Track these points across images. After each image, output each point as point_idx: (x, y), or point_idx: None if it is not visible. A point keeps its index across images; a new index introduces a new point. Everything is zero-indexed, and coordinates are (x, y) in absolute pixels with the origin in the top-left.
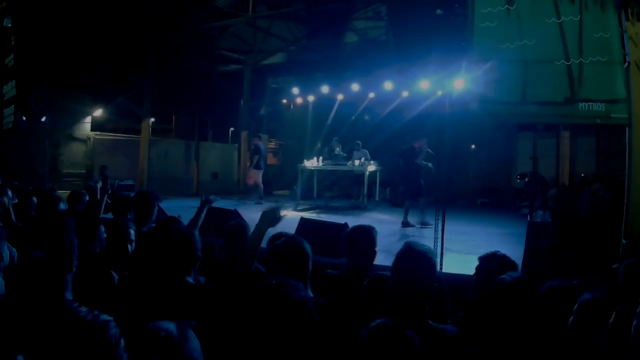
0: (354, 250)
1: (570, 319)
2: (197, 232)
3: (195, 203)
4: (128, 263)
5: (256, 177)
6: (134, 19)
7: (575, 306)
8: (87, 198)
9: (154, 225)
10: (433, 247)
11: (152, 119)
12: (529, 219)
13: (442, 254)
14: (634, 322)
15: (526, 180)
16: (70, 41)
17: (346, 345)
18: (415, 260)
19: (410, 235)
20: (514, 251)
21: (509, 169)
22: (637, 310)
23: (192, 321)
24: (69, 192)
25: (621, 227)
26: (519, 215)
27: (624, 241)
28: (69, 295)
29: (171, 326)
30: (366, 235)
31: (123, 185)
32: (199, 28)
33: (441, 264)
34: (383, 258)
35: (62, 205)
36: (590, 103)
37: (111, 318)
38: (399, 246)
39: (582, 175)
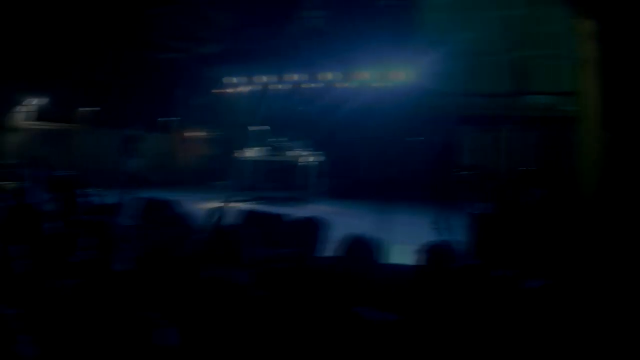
0: (302, 241)
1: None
2: None
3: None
4: None
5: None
6: (70, 6)
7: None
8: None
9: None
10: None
11: (87, 109)
12: (470, 211)
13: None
14: None
15: (469, 173)
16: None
17: None
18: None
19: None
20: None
21: (451, 162)
22: None
23: None
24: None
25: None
26: (460, 208)
27: None
28: None
29: None
30: (314, 225)
31: (59, 176)
32: (136, 14)
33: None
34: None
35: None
36: (538, 95)
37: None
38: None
39: (523, 169)
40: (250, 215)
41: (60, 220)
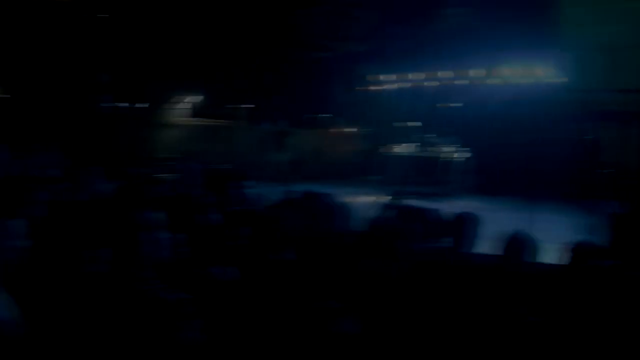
0: (454, 236)
1: None
2: None
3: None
4: None
5: None
6: (221, 10)
7: None
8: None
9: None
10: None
11: (244, 106)
12: (608, 210)
13: None
14: None
15: (609, 171)
16: (163, 31)
17: None
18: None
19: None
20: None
21: (593, 159)
22: None
23: None
24: (166, 175)
25: None
26: (600, 206)
27: None
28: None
29: None
30: (466, 221)
31: (214, 169)
32: (285, 15)
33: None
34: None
35: (160, 188)
36: None
37: (184, 296)
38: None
39: None
40: (403, 209)
41: (215, 211)
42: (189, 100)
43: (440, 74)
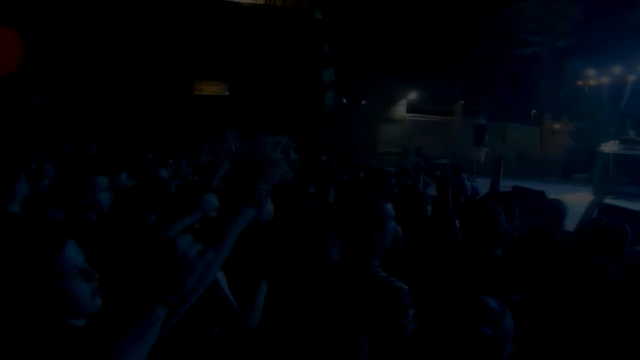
0: None
1: None
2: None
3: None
4: None
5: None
6: (438, 7)
7: None
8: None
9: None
10: None
11: (462, 101)
12: None
13: None
14: None
15: None
16: (380, 31)
17: None
18: None
19: None
20: None
21: None
22: None
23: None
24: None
25: None
26: None
27: None
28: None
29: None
30: None
31: (437, 164)
32: (496, 11)
33: None
34: None
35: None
36: None
37: (405, 286)
38: None
39: None
40: (613, 209)
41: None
42: (411, 97)
43: None
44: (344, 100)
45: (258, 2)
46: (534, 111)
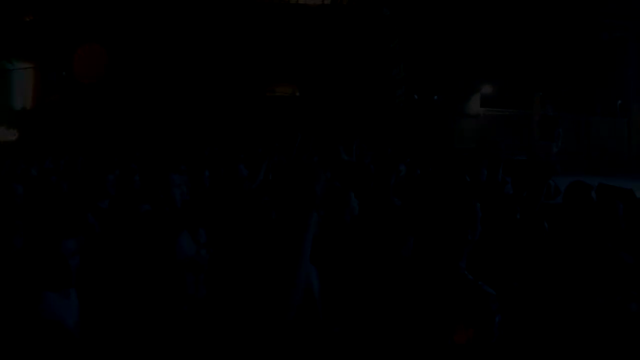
0: None
1: None
2: None
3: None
4: None
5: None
6: None
7: None
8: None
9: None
10: None
11: (540, 93)
12: None
13: None
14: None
15: None
16: (450, 23)
17: None
18: None
19: None
20: None
21: None
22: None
23: None
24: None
25: None
26: None
27: None
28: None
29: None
30: None
31: (515, 160)
32: None
33: None
34: None
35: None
36: None
37: (494, 292)
38: None
39: None
40: None
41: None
42: (487, 90)
43: None
44: (415, 97)
45: (325, 2)
46: (619, 102)
